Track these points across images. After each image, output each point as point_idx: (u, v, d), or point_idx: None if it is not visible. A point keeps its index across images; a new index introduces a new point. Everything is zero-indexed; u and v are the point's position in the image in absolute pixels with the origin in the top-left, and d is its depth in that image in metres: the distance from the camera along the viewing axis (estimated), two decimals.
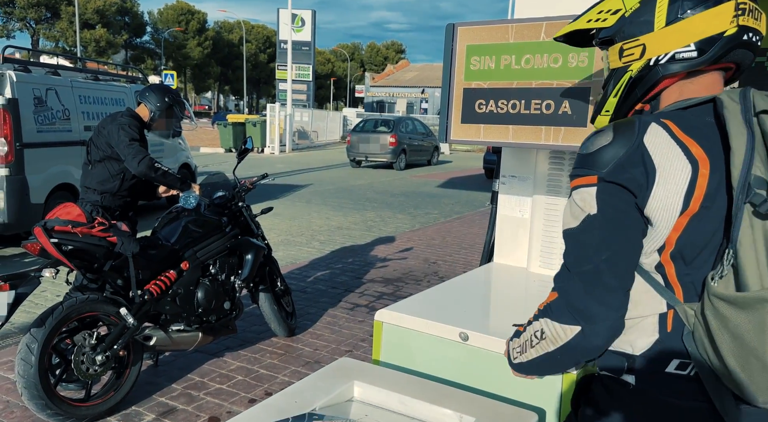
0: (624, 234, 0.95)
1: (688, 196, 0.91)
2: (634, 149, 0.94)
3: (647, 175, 0.93)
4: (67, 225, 2.68)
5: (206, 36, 56.97)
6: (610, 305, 0.94)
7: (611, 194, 0.95)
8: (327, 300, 4.72)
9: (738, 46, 0.97)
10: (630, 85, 1.03)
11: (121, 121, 3.34)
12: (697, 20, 0.96)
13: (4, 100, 5.44)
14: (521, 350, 1.07)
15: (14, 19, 41.20)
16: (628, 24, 1.02)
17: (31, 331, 2.56)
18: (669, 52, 0.98)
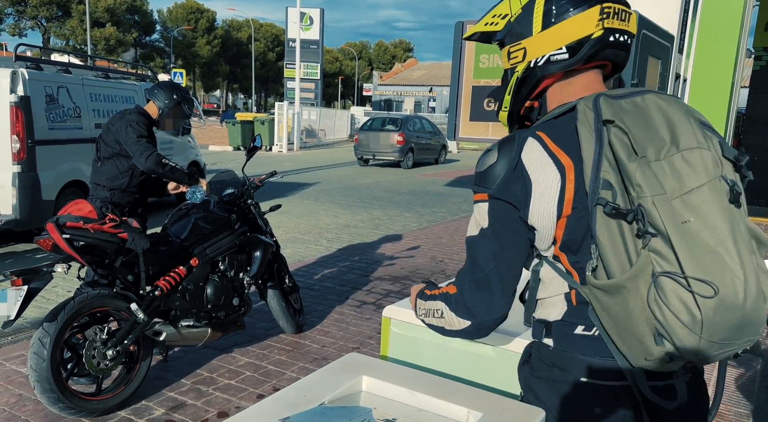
0: (510, 247, 1.08)
1: (561, 202, 1.02)
2: (514, 167, 1.04)
3: (526, 190, 1.03)
4: (78, 222, 2.71)
5: (215, 34, 57.20)
6: (495, 307, 1.10)
7: (499, 210, 1.06)
8: (334, 297, 4.74)
9: (606, 46, 1.06)
10: (518, 84, 1.14)
11: (129, 118, 3.38)
12: (567, 25, 1.06)
13: (17, 98, 5.50)
14: (425, 313, 1.24)
15: (26, 18, 41.56)
16: (514, 28, 1.12)
17: (44, 326, 2.59)
18: (545, 55, 1.08)
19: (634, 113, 0.98)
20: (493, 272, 1.08)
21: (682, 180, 0.93)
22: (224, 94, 71.74)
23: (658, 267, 0.92)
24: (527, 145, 1.05)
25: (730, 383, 3.32)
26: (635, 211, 0.92)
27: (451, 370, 1.52)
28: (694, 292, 0.90)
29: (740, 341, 0.95)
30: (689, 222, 0.91)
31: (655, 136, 0.95)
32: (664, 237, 0.91)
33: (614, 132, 0.96)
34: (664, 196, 0.91)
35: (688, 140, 0.96)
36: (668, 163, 0.93)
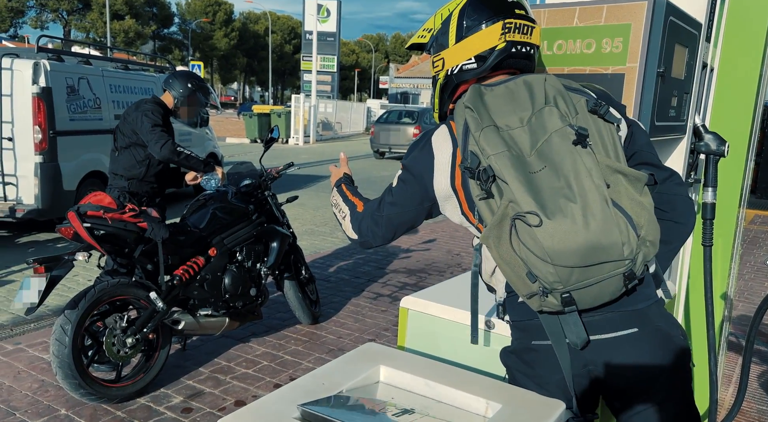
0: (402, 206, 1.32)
1: (453, 171, 1.22)
2: (424, 144, 1.27)
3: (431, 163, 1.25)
4: (99, 211, 2.74)
5: (233, 27, 57.40)
6: (378, 238, 1.37)
7: (405, 178, 1.31)
8: (350, 289, 4.75)
9: (509, 56, 1.24)
10: (441, 89, 1.34)
11: (144, 107, 3.40)
12: (474, 38, 1.24)
13: (39, 89, 5.58)
14: (335, 204, 1.50)
15: (47, 11, 42.12)
16: (436, 41, 1.30)
17: (65, 313, 2.64)
18: (458, 64, 1.27)
19: (501, 94, 1.18)
20: (384, 217, 1.33)
21: (535, 135, 1.11)
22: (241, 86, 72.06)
23: (512, 212, 1.08)
24: (438, 130, 1.27)
25: (753, 380, 3.27)
26: (480, 169, 1.10)
27: (468, 362, 1.51)
28: (530, 225, 1.05)
29: (602, 265, 1.06)
30: (540, 171, 1.08)
31: (520, 107, 1.15)
32: (507, 185, 1.07)
33: (467, 113, 1.16)
34: (505, 153, 1.09)
35: (540, 102, 1.14)
36: (529, 127, 1.12)
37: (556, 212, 1.05)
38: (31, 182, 5.66)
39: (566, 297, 1.10)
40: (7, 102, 5.58)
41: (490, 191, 1.10)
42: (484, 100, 1.18)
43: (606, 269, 1.07)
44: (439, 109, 1.37)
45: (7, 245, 5.86)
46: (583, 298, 1.11)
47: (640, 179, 1.11)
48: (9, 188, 5.68)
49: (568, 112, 1.14)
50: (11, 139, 5.62)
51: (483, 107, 1.17)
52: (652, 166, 1.25)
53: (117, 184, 3.46)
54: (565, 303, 1.11)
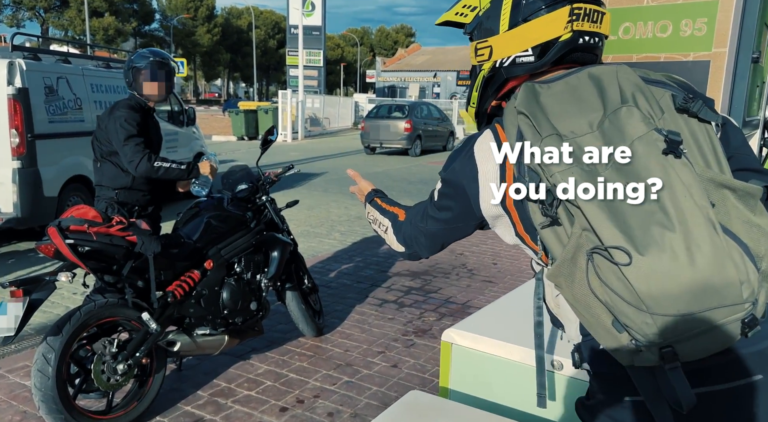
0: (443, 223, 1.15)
1: (503, 190, 0.99)
2: (466, 153, 1.06)
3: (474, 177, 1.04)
4: (83, 225, 2.47)
5: (215, 23, 56.60)
6: (424, 251, 1.23)
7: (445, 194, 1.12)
8: (353, 295, 4.50)
9: (575, 49, 1.02)
10: (484, 83, 1.11)
11: (117, 114, 2.99)
12: (534, 26, 1.01)
13: (15, 90, 5.24)
14: (373, 220, 1.35)
15: (24, 8, 41.12)
16: (482, 23, 1.08)
17: (48, 340, 2.37)
18: (510, 56, 1.05)
19: (561, 92, 0.96)
20: (427, 231, 1.17)
21: (611, 144, 0.88)
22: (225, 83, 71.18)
23: (590, 245, 0.86)
24: (482, 135, 1.05)
25: None
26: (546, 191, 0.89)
27: (525, 404, 1.28)
28: (616, 263, 0.82)
29: (714, 311, 0.82)
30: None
31: (587, 108, 0.92)
32: (579, 210, 0.86)
33: (521, 120, 0.95)
34: (574, 168, 0.87)
35: (614, 101, 0.91)
36: (601, 133, 0.89)
37: (650, 245, 0.82)
38: (9, 189, 5.32)
39: (667, 352, 0.87)
40: None
41: (557, 217, 0.90)
42: (540, 102, 0.96)
43: (719, 316, 0.83)
44: (478, 104, 1.16)
45: None
46: (689, 351, 0.87)
47: (754, 194, 0.88)
48: None
49: (652, 113, 0.92)
50: None
51: (540, 111, 0.95)
52: (756, 173, 1.02)
53: (104, 195, 3.12)
54: (665, 358, 0.87)
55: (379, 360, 3.38)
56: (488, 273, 5.18)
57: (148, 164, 2.92)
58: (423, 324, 3.94)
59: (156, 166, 2.95)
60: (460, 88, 44.14)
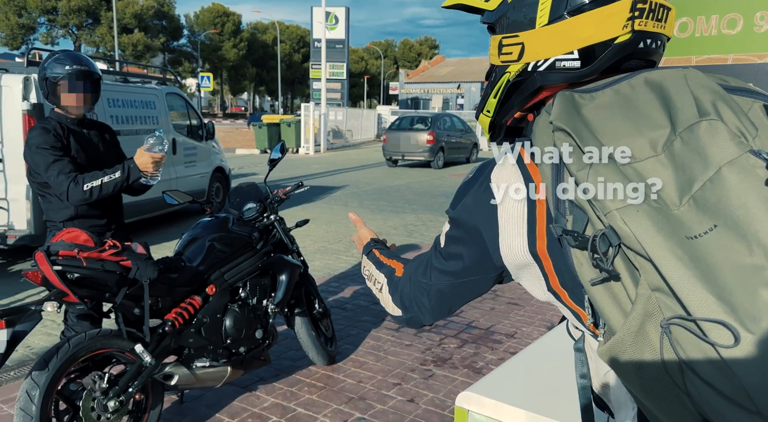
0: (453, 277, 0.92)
1: (531, 229, 0.78)
2: (480, 185, 0.85)
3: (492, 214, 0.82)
4: (73, 250, 2.29)
5: (241, 37, 57.52)
6: (426, 314, 0.98)
7: (454, 237, 0.90)
8: (369, 319, 4.27)
9: (632, 55, 0.79)
10: (507, 89, 0.87)
11: (30, 142, 2.53)
12: (583, 22, 0.78)
13: (29, 105, 5.19)
14: (368, 276, 1.13)
15: (57, 26, 42.39)
16: (511, 13, 0.84)
17: (32, 375, 2.19)
18: (549, 58, 0.81)
19: (610, 104, 0.73)
20: (432, 288, 0.95)
21: (687, 170, 0.64)
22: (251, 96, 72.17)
23: (667, 313, 0.61)
24: (502, 160, 0.83)
25: None
26: (595, 235, 0.65)
27: None
28: (712, 343, 0.58)
29: None
30: (708, 235, 0.60)
31: (647, 123, 0.69)
32: (649, 262, 0.62)
33: (559, 138, 0.73)
34: (639, 204, 0.64)
35: (687, 115, 0.68)
36: (669, 155, 0.66)
37: (763, 317, 0.57)
38: (23, 206, 5.26)
39: None
40: None
41: (614, 271, 0.65)
42: (583, 116, 0.73)
43: None
44: (496, 114, 0.92)
45: None
46: None
47: None
48: (0, 213, 5.29)
49: (743, 129, 0.67)
50: (1, 160, 5.23)
51: (585, 128, 0.71)
52: None
53: (54, 231, 2.67)
54: None
55: (395, 393, 3.13)
56: (513, 295, 4.88)
57: (77, 189, 2.48)
58: (443, 352, 3.67)
59: (87, 189, 2.48)
60: None
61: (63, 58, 2.60)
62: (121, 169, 2.54)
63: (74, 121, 2.66)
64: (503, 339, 3.89)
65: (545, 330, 3.97)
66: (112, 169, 2.54)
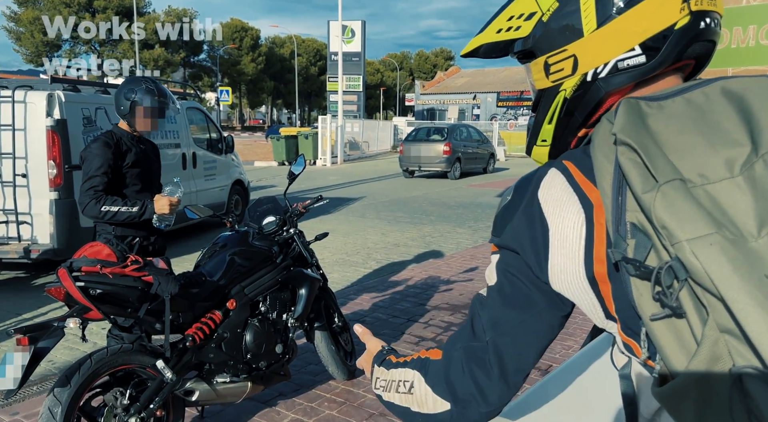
0: (518, 315, 0.79)
1: (588, 255, 0.71)
2: (527, 206, 0.77)
3: (543, 238, 0.75)
4: (95, 266, 2.31)
5: (259, 52, 58.33)
6: (487, 393, 0.80)
7: (508, 264, 0.80)
8: (388, 332, 4.23)
9: (695, 38, 0.74)
10: (566, 107, 0.81)
11: (89, 149, 2.87)
12: (636, 15, 0.73)
13: (53, 122, 5.29)
14: (386, 386, 0.93)
15: (80, 43, 43.44)
16: (549, 31, 0.80)
17: (55, 392, 2.20)
18: (609, 61, 0.76)
19: (681, 115, 0.66)
20: (490, 345, 0.80)
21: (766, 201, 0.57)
22: (269, 109, 73.00)
23: (738, 360, 0.55)
24: (547, 179, 0.77)
25: None
26: (661, 267, 0.59)
27: None
28: None
29: None
30: None
31: (723, 139, 0.62)
32: (723, 301, 0.55)
33: (623, 153, 0.65)
34: (713, 236, 0.56)
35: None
36: (748, 178, 0.59)
37: None
38: (46, 220, 5.34)
39: None
40: (21, 136, 5.30)
41: (679, 307, 0.59)
42: (650, 127, 0.66)
43: None
44: (555, 140, 0.86)
45: (22, 288, 5.55)
46: None
47: None
48: (23, 227, 5.38)
49: None
50: (25, 175, 5.33)
51: (652, 142, 0.64)
52: None
53: (103, 230, 2.98)
54: None
55: None
56: None
57: (95, 207, 2.79)
58: None
59: (103, 210, 2.79)
60: (500, 109, 43.69)
61: (152, 89, 2.96)
62: (139, 205, 2.82)
63: (133, 136, 3.01)
64: None
65: (570, 352, 3.89)
66: (133, 203, 2.82)
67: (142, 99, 2.92)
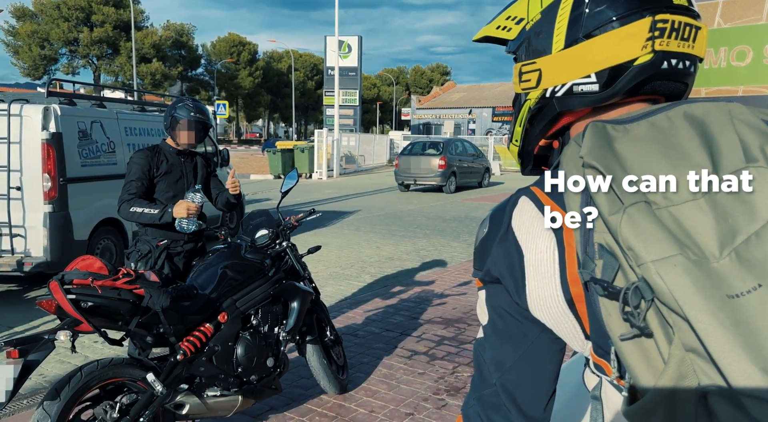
0: (517, 348, 0.77)
1: (563, 278, 0.72)
2: (503, 236, 0.77)
3: (520, 266, 0.75)
4: (87, 278, 2.32)
5: (257, 66, 58.65)
6: None
7: (494, 297, 0.79)
8: (381, 346, 4.22)
9: (656, 76, 0.75)
10: (530, 116, 0.85)
11: (130, 158, 3.25)
12: (599, 44, 0.75)
13: (49, 135, 5.31)
14: None
15: (78, 57, 43.61)
16: (529, 40, 0.83)
17: (44, 405, 2.19)
18: (566, 83, 0.78)
19: (646, 138, 0.68)
20: (499, 386, 0.78)
21: (728, 218, 0.60)
22: (266, 123, 73.23)
23: (703, 378, 0.56)
24: (518, 208, 0.77)
25: None
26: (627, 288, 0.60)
27: None
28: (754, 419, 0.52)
29: None
30: (751, 294, 0.55)
31: (685, 162, 0.64)
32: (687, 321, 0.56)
33: (588, 173, 0.67)
34: (676, 257, 0.58)
35: (732, 159, 0.63)
36: (709, 200, 0.61)
37: None
38: (39, 233, 5.34)
39: None
40: (16, 150, 5.32)
41: (648, 327, 0.60)
42: (616, 150, 0.68)
43: None
44: (523, 143, 0.89)
45: (14, 301, 5.52)
46: None
47: None
48: (17, 240, 5.37)
49: None
50: (19, 188, 5.34)
51: (618, 165, 0.66)
52: None
53: (142, 231, 3.21)
54: None
55: None
56: None
57: (126, 207, 3.11)
58: (456, 381, 3.62)
59: (131, 211, 3.10)
60: (495, 124, 43.96)
61: (191, 107, 3.29)
62: (160, 208, 3.09)
63: (176, 150, 3.29)
64: None
65: None
66: (156, 205, 3.11)
67: (180, 114, 3.24)
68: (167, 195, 3.25)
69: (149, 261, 3.16)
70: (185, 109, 3.27)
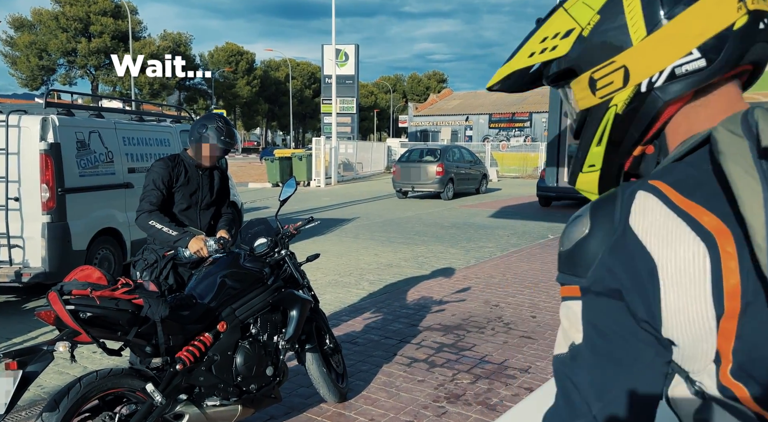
0: (624, 373, 0.66)
1: (718, 292, 0.60)
2: (619, 239, 0.65)
3: (649, 276, 0.63)
4: (86, 289, 2.32)
5: (254, 75, 58.83)
6: None
7: (600, 312, 0.67)
8: (380, 353, 4.22)
9: (755, 39, 0.67)
10: (618, 124, 0.74)
11: (151, 167, 3.26)
12: (690, 17, 0.67)
13: (47, 146, 5.32)
14: None
15: (76, 67, 43.72)
16: (592, 45, 0.73)
17: (43, 416, 2.19)
18: (665, 68, 0.69)
19: None
20: (600, 418, 0.66)
21: None
22: (264, 131, 73.37)
23: None
24: (637, 203, 0.65)
25: None
26: None
27: None
28: None
29: None
30: None
31: None
32: None
33: None
34: None
35: None
36: None
37: None
38: (38, 243, 5.33)
39: None
40: (14, 160, 5.33)
41: None
42: None
43: None
44: (607, 164, 0.78)
45: (12, 312, 5.51)
46: None
47: None
48: (15, 251, 5.36)
49: None
50: (18, 199, 5.34)
51: None
52: None
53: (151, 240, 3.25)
54: None
55: None
56: (527, 328, 4.82)
57: (144, 219, 3.10)
58: (456, 388, 3.61)
59: (149, 224, 3.09)
60: (492, 130, 44.09)
61: (223, 130, 3.25)
62: (179, 233, 3.08)
63: (196, 163, 3.31)
64: (517, 375, 3.82)
65: None
66: (175, 228, 3.10)
67: (210, 136, 3.22)
68: (181, 207, 3.28)
69: (155, 271, 3.16)
70: (216, 132, 3.22)
